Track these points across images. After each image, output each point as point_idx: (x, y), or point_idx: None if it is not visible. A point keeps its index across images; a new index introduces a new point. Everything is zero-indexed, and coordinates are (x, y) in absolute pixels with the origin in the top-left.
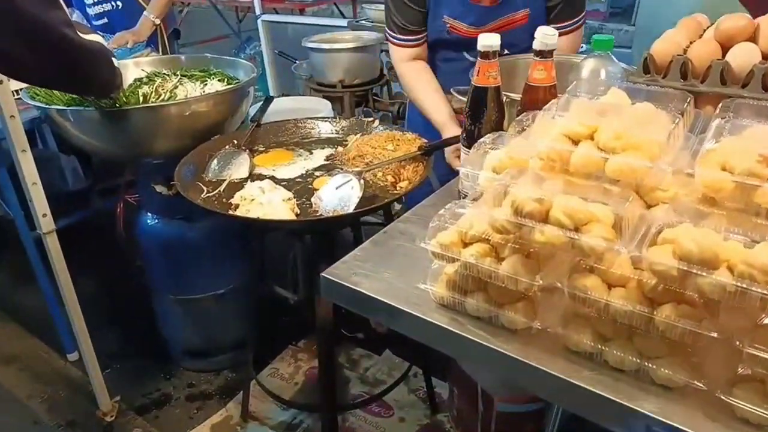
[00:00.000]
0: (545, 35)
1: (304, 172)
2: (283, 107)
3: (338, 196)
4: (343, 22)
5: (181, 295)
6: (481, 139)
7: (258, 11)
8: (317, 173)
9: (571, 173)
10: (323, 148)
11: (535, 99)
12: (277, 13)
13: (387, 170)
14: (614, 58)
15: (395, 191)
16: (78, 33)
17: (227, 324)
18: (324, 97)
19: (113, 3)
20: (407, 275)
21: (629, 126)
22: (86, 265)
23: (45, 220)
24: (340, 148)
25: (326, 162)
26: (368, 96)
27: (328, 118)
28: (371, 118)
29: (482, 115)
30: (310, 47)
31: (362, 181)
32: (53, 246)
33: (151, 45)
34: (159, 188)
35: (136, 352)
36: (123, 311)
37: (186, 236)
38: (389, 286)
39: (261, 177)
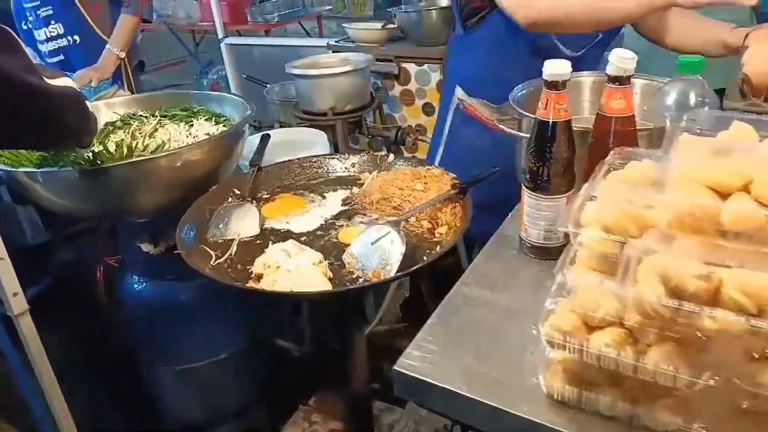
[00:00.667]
0: (622, 59)
1: (323, 222)
2: (272, 141)
3: (375, 252)
4: (318, 42)
5: (177, 365)
6: (580, 192)
7: (220, 34)
8: (338, 223)
9: (716, 233)
10: (336, 191)
11: (611, 131)
12: (240, 35)
13: (421, 215)
14: (704, 82)
15: (434, 238)
16: (43, 78)
17: (231, 390)
18: (312, 126)
19: (69, 38)
20: (494, 361)
21: None
22: (61, 332)
23: (16, 300)
24: (355, 189)
25: (345, 207)
26: (361, 122)
27: (335, 155)
28: (384, 153)
29: (549, 154)
30: (295, 74)
31: (402, 233)
32: (27, 329)
33: (117, 81)
34: (145, 247)
35: (128, 426)
36: (108, 384)
37: (179, 299)
38: (477, 378)
39: (275, 232)
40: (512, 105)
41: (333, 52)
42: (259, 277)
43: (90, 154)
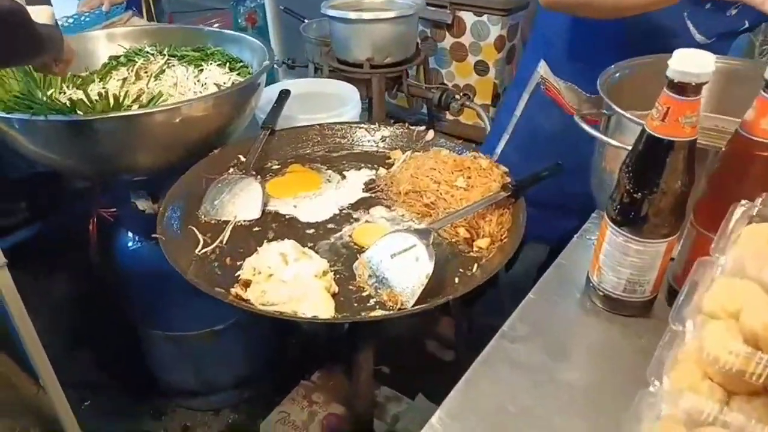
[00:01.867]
0: None
1: (337, 212)
2: (295, 92)
3: (395, 268)
4: None
5: (172, 332)
6: (716, 258)
7: None
8: (355, 215)
9: None
10: (359, 169)
11: (758, 163)
12: None
13: (459, 221)
14: None
15: (471, 252)
16: None
17: (228, 362)
18: (345, 78)
19: None
20: None
21: None
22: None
23: None
24: (382, 171)
25: (366, 194)
26: (401, 78)
27: (363, 124)
28: (422, 128)
29: (657, 183)
30: (330, 15)
31: (432, 249)
32: (4, 284)
33: (133, 7)
34: (141, 204)
35: (119, 386)
36: (102, 340)
37: None
38: None
39: (277, 219)
40: (604, 98)
41: None
42: (247, 284)
43: (68, 102)
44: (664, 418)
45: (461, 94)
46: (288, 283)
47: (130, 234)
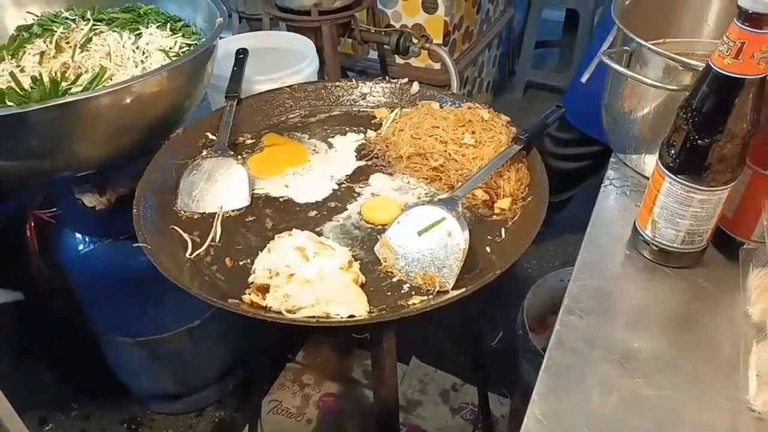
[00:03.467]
0: None
1: (336, 186)
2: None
3: (425, 246)
4: None
5: (143, 337)
6: None
7: None
8: (357, 188)
9: None
10: (344, 134)
11: None
12: None
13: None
14: None
15: (494, 216)
16: None
17: (207, 357)
18: (291, 27)
19: None
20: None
21: None
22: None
23: None
24: (371, 133)
25: (361, 163)
26: (351, 24)
27: (339, 82)
28: (405, 80)
29: (725, 126)
30: None
31: (463, 219)
32: None
33: None
34: (88, 200)
35: (85, 402)
36: (59, 355)
37: (137, 262)
38: None
39: (270, 203)
40: (620, 26)
41: None
42: (263, 289)
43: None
44: None
45: (420, 35)
46: (313, 283)
47: (78, 236)
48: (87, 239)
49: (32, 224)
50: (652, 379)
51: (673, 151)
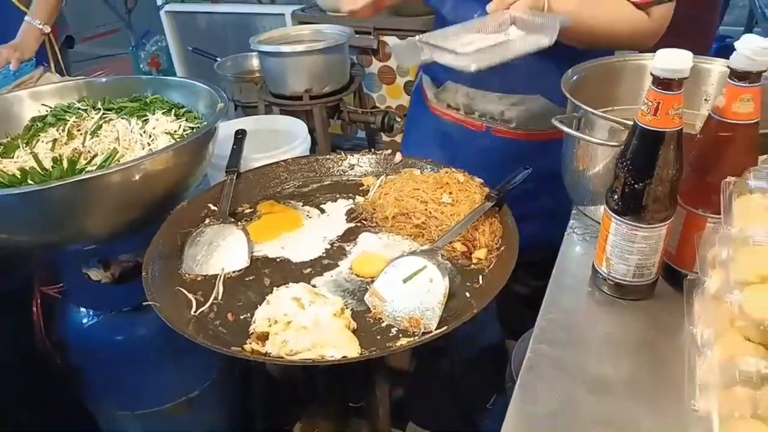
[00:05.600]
0: (757, 49)
1: (328, 246)
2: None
3: (409, 292)
4: (276, 9)
5: (140, 410)
6: (730, 231)
7: (159, 0)
8: (347, 247)
9: None
10: (335, 200)
11: (733, 142)
12: (182, 1)
13: (455, 237)
14: None
15: (472, 265)
16: None
17: (205, 427)
18: (284, 112)
19: None
20: None
21: None
22: None
23: None
24: (359, 198)
25: (352, 224)
26: (340, 107)
27: (330, 155)
28: (389, 152)
29: (653, 172)
30: (263, 50)
31: (443, 267)
32: None
33: (43, 62)
34: (94, 274)
35: None
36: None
37: (139, 333)
38: None
39: (268, 263)
40: (570, 99)
41: (299, 23)
42: (263, 337)
43: (17, 172)
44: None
45: (402, 115)
46: (309, 329)
47: (83, 310)
48: (91, 313)
49: (38, 301)
50: (615, 396)
51: (615, 196)
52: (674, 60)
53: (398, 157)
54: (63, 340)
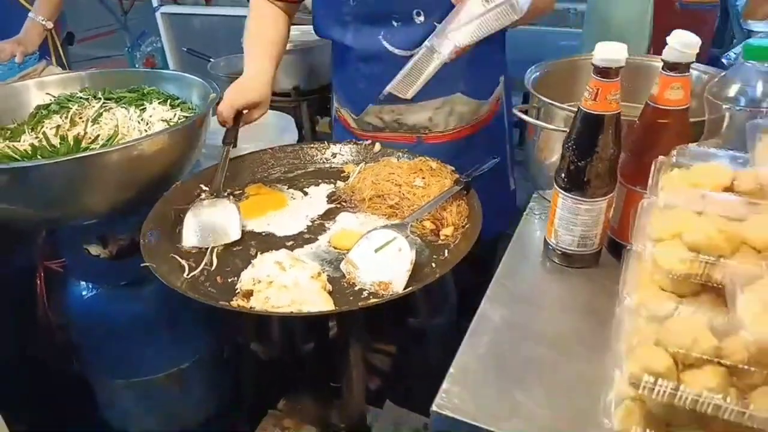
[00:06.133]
0: (685, 43)
1: (309, 223)
2: None
3: (380, 261)
4: None
5: (134, 378)
6: (653, 201)
7: (155, 2)
8: (328, 224)
9: None
10: (317, 185)
11: (666, 126)
12: (177, 3)
13: (424, 215)
14: None
15: (439, 241)
16: None
17: (195, 401)
18: (273, 108)
19: None
20: (548, 399)
21: None
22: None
23: None
24: (340, 183)
25: (332, 205)
26: (327, 104)
27: (313, 144)
28: (369, 142)
29: (594, 151)
30: None
31: (411, 239)
32: None
33: (45, 56)
34: (94, 249)
35: None
36: (56, 405)
37: (134, 306)
38: (535, 420)
39: (255, 237)
40: (532, 92)
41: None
42: (248, 294)
43: (28, 148)
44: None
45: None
46: (289, 288)
47: (83, 283)
48: (90, 286)
49: (41, 274)
50: (554, 347)
51: (563, 174)
52: (611, 51)
53: (377, 146)
54: (64, 312)
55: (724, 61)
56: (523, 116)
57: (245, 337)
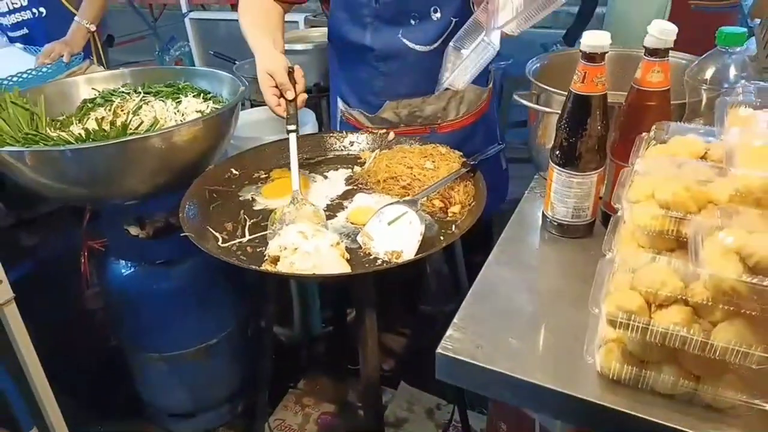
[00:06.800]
0: (663, 30)
1: (329, 202)
2: (258, 117)
3: (393, 233)
4: (292, 17)
5: (166, 352)
6: (633, 169)
7: (184, 9)
8: (346, 202)
9: None
10: (337, 169)
11: (646, 105)
12: (204, 9)
13: (434, 194)
14: (746, 56)
15: (447, 218)
16: None
17: (221, 376)
18: None
19: (34, 10)
20: (540, 342)
21: None
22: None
23: (2, 288)
24: (357, 168)
25: (349, 187)
26: None
27: (332, 133)
28: (384, 130)
29: (584, 129)
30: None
31: (420, 213)
32: (13, 319)
33: (89, 56)
34: (133, 230)
35: (109, 418)
36: (88, 373)
37: (169, 283)
38: (527, 360)
39: None
40: (531, 80)
41: (311, 27)
42: (275, 260)
43: (82, 132)
44: (618, 270)
45: None
46: (311, 254)
47: (122, 261)
48: (129, 264)
49: (85, 254)
50: (547, 302)
51: (557, 151)
52: (596, 38)
53: (391, 135)
54: (105, 288)
55: None
56: (526, 102)
57: (268, 320)
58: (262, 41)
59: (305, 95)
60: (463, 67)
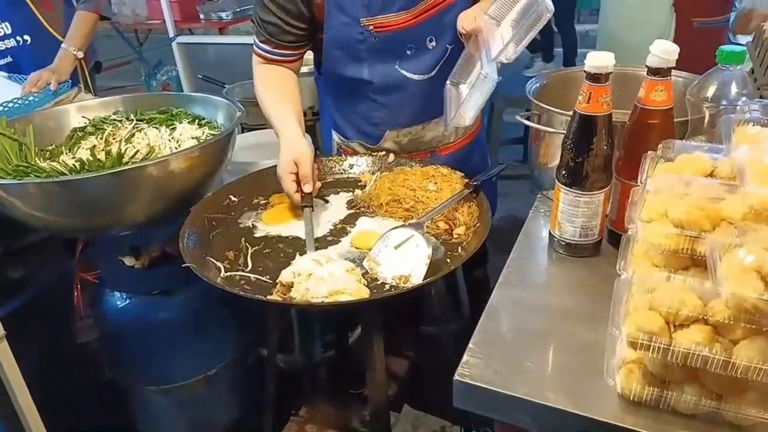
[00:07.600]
0: (665, 50)
1: (332, 227)
2: (255, 142)
3: (400, 257)
4: None
5: (164, 384)
6: (645, 188)
7: (171, 33)
8: (349, 227)
9: None
10: (337, 193)
11: (653, 125)
12: (192, 33)
13: (438, 216)
14: (745, 73)
15: (452, 240)
16: None
17: (221, 406)
18: None
19: (18, 38)
20: (557, 365)
21: None
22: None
23: None
24: (358, 191)
25: (351, 210)
26: None
27: (331, 156)
28: (383, 153)
29: (590, 149)
30: None
31: (427, 236)
32: (4, 357)
33: (77, 84)
34: (128, 261)
35: None
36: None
37: (166, 314)
38: (545, 383)
39: (282, 240)
40: (534, 101)
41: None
42: (287, 287)
43: (76, 163)
44: (635, 291)
45: None
46: (326, 280)
47: (117, 293)
48: (124, 296)
49: (78, 287)
50: (560, 322)
51: (563, 171)
52: (600, 60)
53: (391, 157)
54: (99, 321)
55: None
56: (528, 122)
57: (272, 349)
58: (288, 124)
59: (320, 183)
60: (466, 104)
